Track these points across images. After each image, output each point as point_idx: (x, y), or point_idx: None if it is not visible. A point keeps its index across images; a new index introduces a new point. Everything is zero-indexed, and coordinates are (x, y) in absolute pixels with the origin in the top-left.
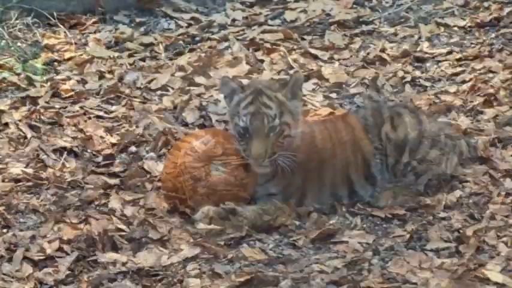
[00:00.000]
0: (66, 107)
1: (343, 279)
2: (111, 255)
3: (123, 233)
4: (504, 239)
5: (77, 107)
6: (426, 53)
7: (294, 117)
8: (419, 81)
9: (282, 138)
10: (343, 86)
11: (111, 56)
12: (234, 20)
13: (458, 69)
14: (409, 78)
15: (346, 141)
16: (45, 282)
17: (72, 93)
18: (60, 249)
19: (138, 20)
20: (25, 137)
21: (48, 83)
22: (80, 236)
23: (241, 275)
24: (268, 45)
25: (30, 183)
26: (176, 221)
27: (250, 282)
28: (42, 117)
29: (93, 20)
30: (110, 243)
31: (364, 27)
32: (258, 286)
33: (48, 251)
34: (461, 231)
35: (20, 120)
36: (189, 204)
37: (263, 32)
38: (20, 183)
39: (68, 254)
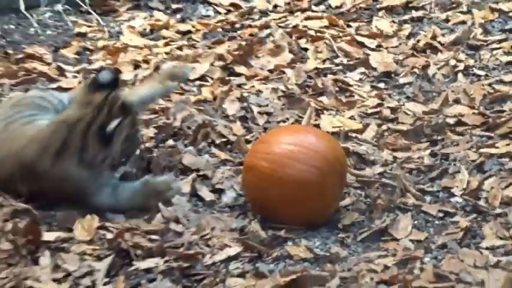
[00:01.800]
0: None
1: (394, 278)
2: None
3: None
4: None
5: None
6: (480, 40)
7: None
8: (472, 70)
9: None
10: (392, 75)
11: (146, 45)
12: (275, 6)
13: None
14: (461, 67)
15: None
16: (82, 283)
17: None
18: (100, 249)
19: (174, 6)
20: None
21: (81, 74)
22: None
23: (287, 274)
24: (312, 33)
25: None
26: (218, 218)
27: (296, 281)
28: None
29: (127, 6)
30: None
31: (414, 13)
32: (305, 286)
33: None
34: None
35: None
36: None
37: (306, 18)
38: None
39: (108, 251)
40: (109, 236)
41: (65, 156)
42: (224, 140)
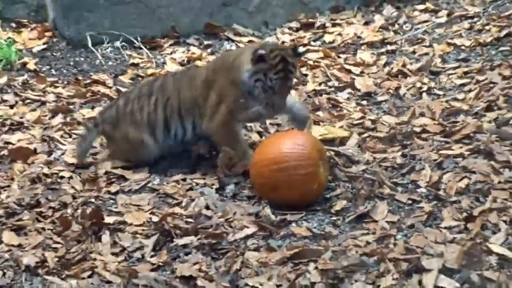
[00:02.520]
0: None
1: (374, 251)
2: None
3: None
4: (504, 218)
5: None
6: (439, 67)
7: None
8: (433, 91)
9: None
10: (372, 94)
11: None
12: (283, 42)
13: (465, 80)
14: (425, 88)
15: None
16: (134, 256)
17: None
18: (148, 230)
19: (206, 42)
20: None
21: None
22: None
23: (291, 248)
24: (311, 62)
25: None
26: (239, 205)
27: (299, 254)
28: None
29: (170, 42)
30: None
31: (389, 47)
32: (305, 257)
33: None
34: (469, 212)
35: None
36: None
37: (307, 51)
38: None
39: (153, 232)
40: (155, 219)
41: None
42: None
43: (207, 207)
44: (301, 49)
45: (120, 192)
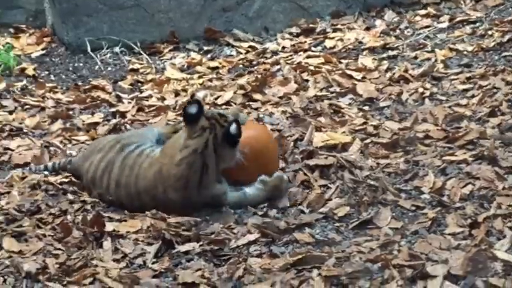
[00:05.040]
0: (148, 120)
1: (377, 257)
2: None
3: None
4: (509, 224)
5: (157, 119)
6: (441, 72)
7: None
8: (436, 96)
9: None
10: (374, 100)
11: (185, 78)
12: (283, 48)
13: (468, 85)
14: (427, 93)
15: None
16: (136, 262)
17: (154, 108)
18: (149, 237)
19: (205, 48)
20: None
21: (134, 100)
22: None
23: (294, 255)
24: (312, 68)
25: None
26: (240, 212)
27: (302, 260)
28: (129, 127)
29: (169, 48)
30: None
31: (390, 52)
32: (308, 263)
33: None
34: (473, 218)
35: (111, 131)
36: None
37: (308, 57)
38: None
39: (155, 239)
40: (157, 225)
41: (206, 180)
42: None
43: (206, 216)
44: (192, 109)
45: None
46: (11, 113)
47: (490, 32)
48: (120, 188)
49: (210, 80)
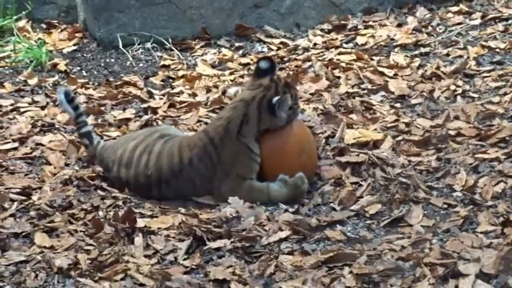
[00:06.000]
0: (180, 116)
1: (409, 255)
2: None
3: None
4: None
5: (189, 116)
6: (474, 70)
7: None
8: (468, 94)
9: None
10: (406, 97)
11: (216, 74)
12: (315, 44)
13: (500, 83)
14: (459, 91)
15: None
16: (167, 258)
17: (185, 104)
18: (180, 233)
19: (237, 44)
20: None
21: (166, 96)
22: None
23: (326, 252)
24: (343, 65)
25: None
26: (271, 209)
27: (333, 258)
28: (160, 123)
29: (201, 44)
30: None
31: (422, 49)
32: (340, 261)
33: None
34: (505, 216)
35: (142, 127)
36: None
37: (339, 53)
38: None
39: (186, 235)
40: (188, 222)
41: (246, 130)
42: None
43: (237, 212)
44: (264, 64)
45: None
46: (43, 108)
47: None
48: (162, 161)
49: (242, 77)
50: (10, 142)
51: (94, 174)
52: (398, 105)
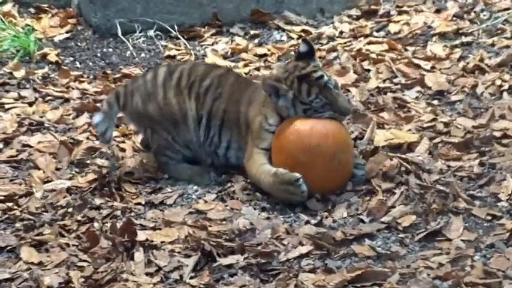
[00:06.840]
0: None
1: (448, 274)
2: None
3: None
4: None
5: None
6: None
7: None
8: None
9: None
10: (445, 93)
11: (228, 66)
12: (341, 32)
13: None
14: (506, 86)
15: None
16: (171, 277)
17: None
18: (187, 248)
19: (252, 32)
20: None
21: None
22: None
23: (352, 270)
24: (373, 56)
25: None
26: (290, 220)
27: (361, 277)
28: None
29: (211, 32)
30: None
31: (464, 39)
32: (369, 280)
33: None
34: None
35: None
36: None
37: (369, 43)
38: None
39: (194, 250)
40: (196, 235)
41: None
42: None
43: (252, 224)
44: (303, 47)
45: (151, 205)
46: (30, 104)
47: None
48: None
49: (257, 69)
50: None
51: (89, 180)
52: (436, 102)
